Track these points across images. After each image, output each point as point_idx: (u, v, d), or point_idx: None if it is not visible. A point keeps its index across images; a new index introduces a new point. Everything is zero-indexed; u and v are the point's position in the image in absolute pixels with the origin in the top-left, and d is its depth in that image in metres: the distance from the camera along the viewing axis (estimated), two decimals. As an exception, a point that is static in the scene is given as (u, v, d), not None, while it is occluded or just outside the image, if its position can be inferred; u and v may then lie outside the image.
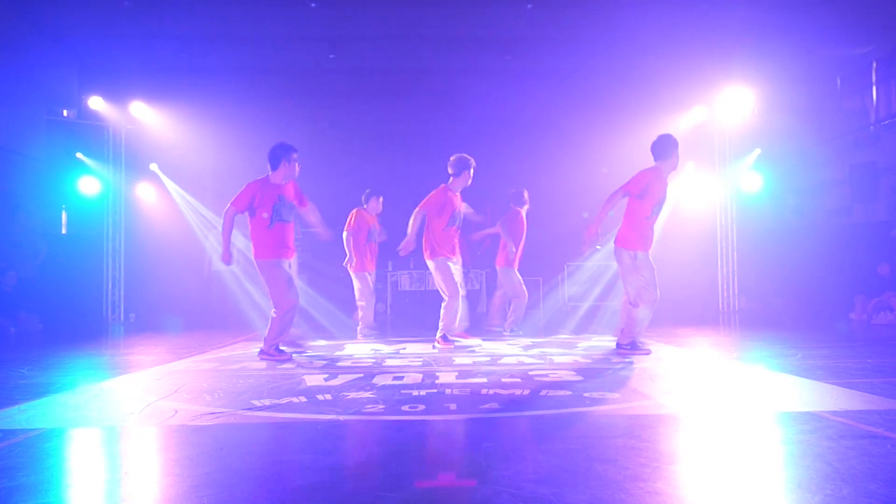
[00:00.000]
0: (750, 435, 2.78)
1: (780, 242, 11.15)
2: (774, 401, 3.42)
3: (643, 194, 5.19)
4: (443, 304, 6.31)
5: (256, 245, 5.35)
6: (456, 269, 6.35)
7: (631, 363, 4.88)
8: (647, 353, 5.30)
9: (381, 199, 7.75)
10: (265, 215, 5.28)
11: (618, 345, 5.42)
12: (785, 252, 10.97)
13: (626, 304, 5.35)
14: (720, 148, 11.80)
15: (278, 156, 5.38)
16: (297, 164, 5.45)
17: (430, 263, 6.30)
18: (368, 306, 7.55)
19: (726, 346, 6.33)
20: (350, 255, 7.38)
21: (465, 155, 6.33)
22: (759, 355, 5.45)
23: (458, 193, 6.35)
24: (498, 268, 7.62)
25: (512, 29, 9.60)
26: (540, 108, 11.16)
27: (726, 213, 11.84)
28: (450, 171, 6.31)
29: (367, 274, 7.52)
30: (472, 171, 6.28)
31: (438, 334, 6.26)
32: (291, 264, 5.51)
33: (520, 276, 7.55)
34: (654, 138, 5.38)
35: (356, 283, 7.53)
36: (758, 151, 11.37)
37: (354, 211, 7.59)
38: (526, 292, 7.59)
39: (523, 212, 7.54)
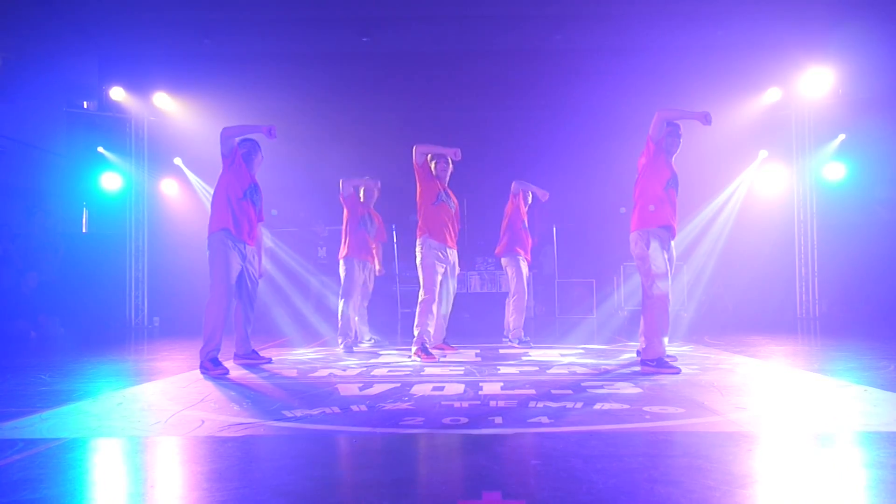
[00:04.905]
0: (833, 457, 2.71)
1: (867, 240, 10.78)
2: (861, 419, 3.32)
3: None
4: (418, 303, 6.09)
5: (213, 216, 5.36)
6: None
7: (698, 375, 4.79)
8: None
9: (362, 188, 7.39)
10: (239, 194, 5.34)
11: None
12: (873, 251, 10.61)
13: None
14: (798, 133, 11.50)
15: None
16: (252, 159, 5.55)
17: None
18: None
19: (806, 357, 6.18)
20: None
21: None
22: (844, 367, 5.30)
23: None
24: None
25: (561, 5, 9.54)
26: (592, 92, 11.01)
27: (805, 207, 11.53)
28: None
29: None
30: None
31: (414, 344, 5.97)
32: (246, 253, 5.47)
33: (524, 269, 7.38)
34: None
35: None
36: (842, 137, 11.03)
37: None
38: (525, 290, 7.35)
39: (515, 196, 7.44)
